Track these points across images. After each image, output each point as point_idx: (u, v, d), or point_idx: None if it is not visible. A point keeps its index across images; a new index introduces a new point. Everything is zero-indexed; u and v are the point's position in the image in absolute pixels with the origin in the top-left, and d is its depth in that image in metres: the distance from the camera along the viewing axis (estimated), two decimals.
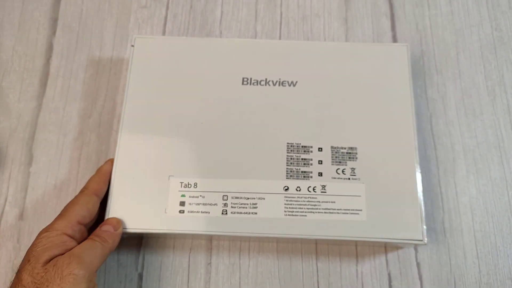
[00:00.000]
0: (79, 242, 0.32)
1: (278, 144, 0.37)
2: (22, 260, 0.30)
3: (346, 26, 0.46)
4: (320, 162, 0.36)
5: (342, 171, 0.36)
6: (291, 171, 0.36)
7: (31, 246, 0.30)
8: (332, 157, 0.36)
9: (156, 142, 0.37)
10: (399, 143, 0.37)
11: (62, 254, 0.30)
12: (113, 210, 0.35)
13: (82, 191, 0.35)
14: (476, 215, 0.39)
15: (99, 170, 0.36)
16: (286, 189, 0.35)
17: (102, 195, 0.35)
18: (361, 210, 0.35)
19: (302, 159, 0.36)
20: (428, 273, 0.37)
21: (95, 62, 0.44)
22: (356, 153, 0.36)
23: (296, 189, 0.35)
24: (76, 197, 0.34)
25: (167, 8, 0.46)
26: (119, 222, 0.34)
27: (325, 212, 0.35)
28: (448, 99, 0.43)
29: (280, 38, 0.45)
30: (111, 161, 0.37)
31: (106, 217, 0.35)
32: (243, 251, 0.38)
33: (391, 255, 0.38)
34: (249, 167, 0.36)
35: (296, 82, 0.39)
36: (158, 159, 0.36)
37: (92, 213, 0.33)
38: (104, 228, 0.33)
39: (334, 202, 0.35)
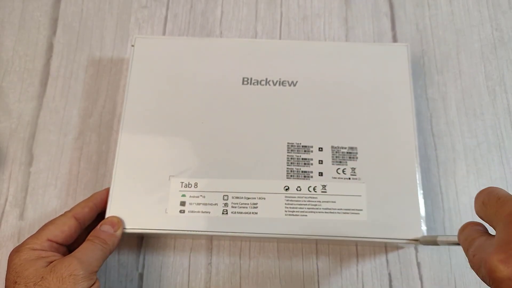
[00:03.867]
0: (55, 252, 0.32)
1: (278, 144, 0.37)
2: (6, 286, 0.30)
3: (347, 26, 0.46)
4: (321, 162, 0.36)
5: (343, 171, 0.36)
6: (291, 171, 0.36)
7: (8, 270, 0.30)
8: (332, 157, 0.36)
9: (156, 142, 0.37)
10: (400, 143, 0.37)
11: (47, 266, 0.30)
12: (113, 210, 0.35)
13: (64, 213, 0.34)
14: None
15: (90, 196, 0.36)
16: (286, 189, 0.35)
17: (84, 219, 0.34)
18: (361, 210, 0.35)
19: (302, 159, 0.36)
20: (429, 273, 0.37)
21: (96, 62, 0.44)
22: (357, 153, 0.36)
23: (297, 189, 0.35)
24: (56, 217, 0.34)
25: (168, 8, 0.46)
26: (119, 222, 0.34)
27: (325, 212, 0.35)
28: (449, 99, 0.43)
29: (280, 38, 0.45)
30: (106, 190, 0.36)
31: (106, 217, 0.34)
32: (244, 251, 0.38)
33: (392, 255, 0.38)
34: (250, 167, 0.36)
35: (296, 82, 0.39)
36: (159, 159, 0.36)
37: (67, 234, 0.33)
38: (103, 228, 0.33)
39: (335, 202, 0.35)
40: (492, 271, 0.19)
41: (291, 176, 0.36)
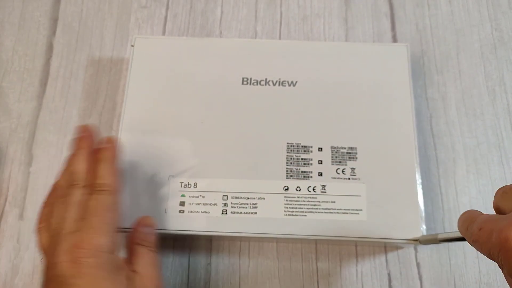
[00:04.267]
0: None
1: (278, 144, 0.37)
2: None
3: (346, 26, 0.46)
4: (320, 162, 0.36)
5: (342, 171, 0.36)
6: (291, 171, 0.36)
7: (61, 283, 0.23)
8: (332, 157, 0.36)
9: (156, 142, 0.37)
10: (399, 143, 0.37)
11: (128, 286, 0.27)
12: None
13: (103, 190, 0.27)
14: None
15: (106, 159, 0.29)
16: (286, 189, 0.35)
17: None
18: (361, 210, 0.35)
19: (302, 159, 0.36)
20: (428, 273, 0.37)
21: (95, 62, 0.44)
22: (356, 153, 0.36)
23: (296, 189, 0.35)
24: (102, 199, 0.27)
25: (167, 8, 0.46)
26: (155, 222, 0.33)
27: (325, 212, 0.35)
28: (448, 99, 0.43)
29: (280, 38, 0.45)
30: (112, 142, 0.30)
31: None
32: (243, 251, 0.38)
33: (391, 255, 0.38)
34: (249, 167, 0.36)
35: (296, 82, 0.39)
36: (158, 159, 0.36)
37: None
38: (147, 230, 0.31)
39: (334, 202, 0.35)
40: (507, 239, 0.20)
41: (291, 176, 0.36)
